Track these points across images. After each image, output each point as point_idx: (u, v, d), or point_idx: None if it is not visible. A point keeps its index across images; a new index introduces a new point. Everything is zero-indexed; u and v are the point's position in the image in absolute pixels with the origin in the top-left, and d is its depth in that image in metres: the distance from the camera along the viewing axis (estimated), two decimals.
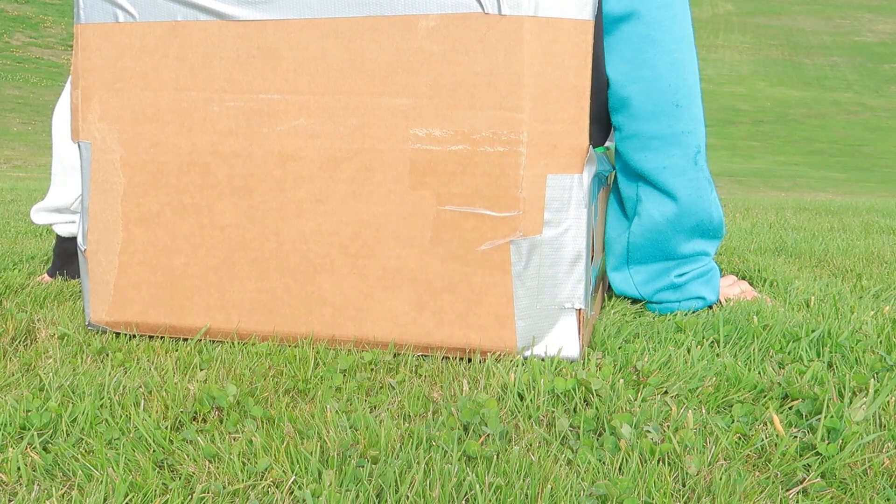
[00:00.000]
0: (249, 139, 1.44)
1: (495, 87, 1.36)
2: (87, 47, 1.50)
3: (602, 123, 1.67)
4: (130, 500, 0.89)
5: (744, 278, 2.06)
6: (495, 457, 0.97)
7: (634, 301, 1.77)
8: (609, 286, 1.80)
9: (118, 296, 1.53)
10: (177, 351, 1.38)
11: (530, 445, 1.02)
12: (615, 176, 1.75)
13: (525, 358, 1.39)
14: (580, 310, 1.39)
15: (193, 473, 0.94)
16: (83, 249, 1.53)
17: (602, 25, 1.58)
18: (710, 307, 1.73)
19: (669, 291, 1.72)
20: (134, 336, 1.47)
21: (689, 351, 1.38)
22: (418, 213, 1.40)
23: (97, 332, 1.54)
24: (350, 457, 0.97)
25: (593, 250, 1.54)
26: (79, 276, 1.91)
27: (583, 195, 1.37)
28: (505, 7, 1.33)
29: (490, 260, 1.38)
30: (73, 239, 1.93)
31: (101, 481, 0.91)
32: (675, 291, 1.72)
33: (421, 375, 1.29)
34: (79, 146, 1.52)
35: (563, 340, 1.40)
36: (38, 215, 1.93)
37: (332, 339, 1.45)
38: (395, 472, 0.92)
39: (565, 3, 1.35)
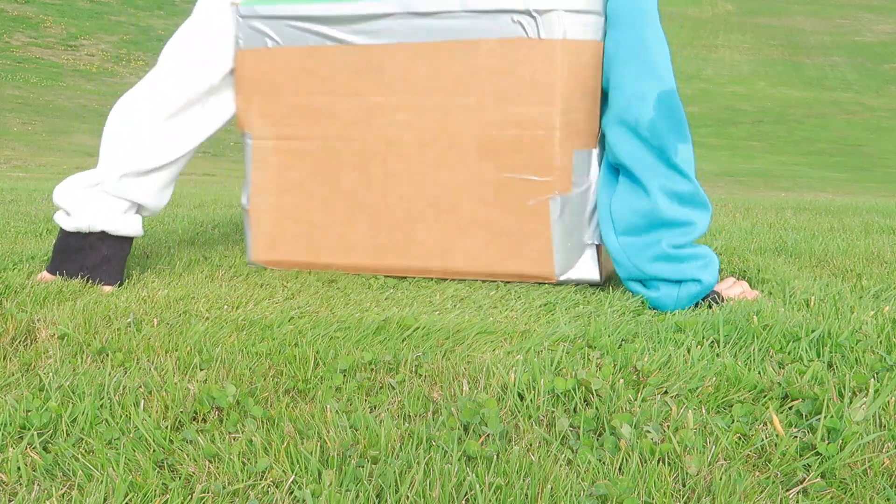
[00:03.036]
0: (364, 129, 1.98)
1: (536, 90, 1.85)
2: (246, 66, 2.02)
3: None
4: (130, 500, 0.89)
5: (743, 278, 2.06)
6: (495, 457, 0.97)
7: (634, 295, 1.77)
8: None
9: (271, 242, 2.07)
10: (177, 351, 1.38)
11: (530, 445, 1.02)
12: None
13: (560, 281, 1.92)
14: (598, 245, 1.91)
15: (193, 473, 0.94)
16: (247, 209, 2.09)
17: None
18: (710, 302, 1.73)
19: (665, 263, 1.75)
20: (133, 336, 1.47)
21: (689, 351, 1.38)
22: (484, 179, 1.91)
23: (255, 270, 1.94)
24: (350, 457, 0.97)
25: None
26: (78, 276, 1.89)
27: (598, 164, 1.90)
28: (543, 33, 1.82)
29: (535, 211, 1.88)
30: (77, 234, 1.90)
31: (101, 481, 0.91)
32: (671, 265, 1.75)
33: (421, 375, 1.28)
34: (243, 136, 2.07)
35: (587, 267, 1.92)
36: (70, 192, 1.89)
37: (424, 270, 1.99)
38: (395, 472, 0.92)
39: (584, 30, 1.83)
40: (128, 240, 1.93)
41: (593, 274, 1.91)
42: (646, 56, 1.81)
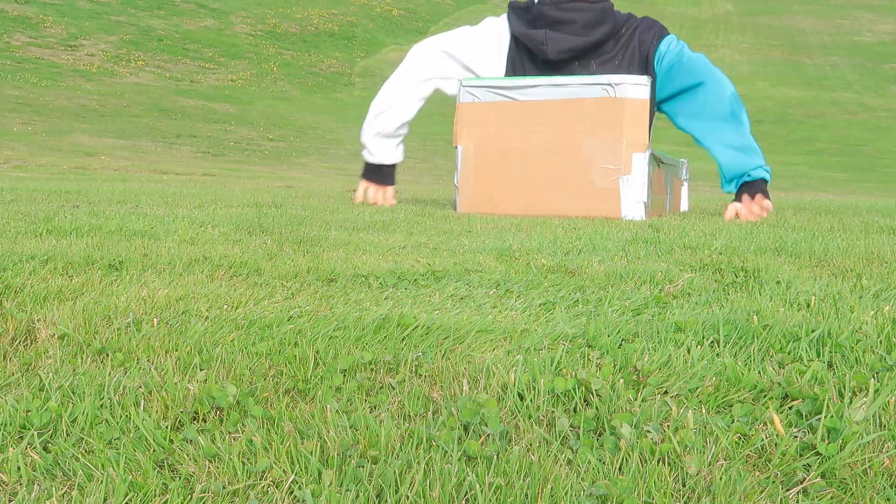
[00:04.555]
0: (522, 142, 3.81)
1: (614, 124, 3.68)
2: (462, 111, 3.91)
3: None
4: (130, 499, 0.89)
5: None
6: (495, 457, 0.97)
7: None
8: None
9: (470, 202, 3.89)
10: (177, 351, 1.38)
11: (530, 445, 1.02)
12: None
13: (624, 219, 3.61)
14: (644, 203, 3.66)
15: (193, 473, 0.94)
16: (457, 186, 3.94)
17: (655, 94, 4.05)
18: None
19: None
20: (133, 336, 1.47)
21: (689, 351, 1.38)
22: (584, 168, 3.70)
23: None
24: (350, 457, 0.97)
25: (654, 188, 3.86)
26: (382, 183, 4.43)
27: (646, 160, 3.70)
28: (619, 94, 3.67)
29: (612, 184, 3.66)
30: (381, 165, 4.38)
31: (101, 481, 0.91)
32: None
33: (421, 375, 1.28)
34: (456, 148, 3.94)
35: (638, 212, 3.65)
36: (375, 138, 4.29)
37: (552, 215, 3.67)
38: (395, 472, 0.92)
39: (639, 93, 3.68)
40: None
41: (641, 215, 3.67)
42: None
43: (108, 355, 1.36)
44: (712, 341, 1.46)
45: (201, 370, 1.28)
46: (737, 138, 3.91)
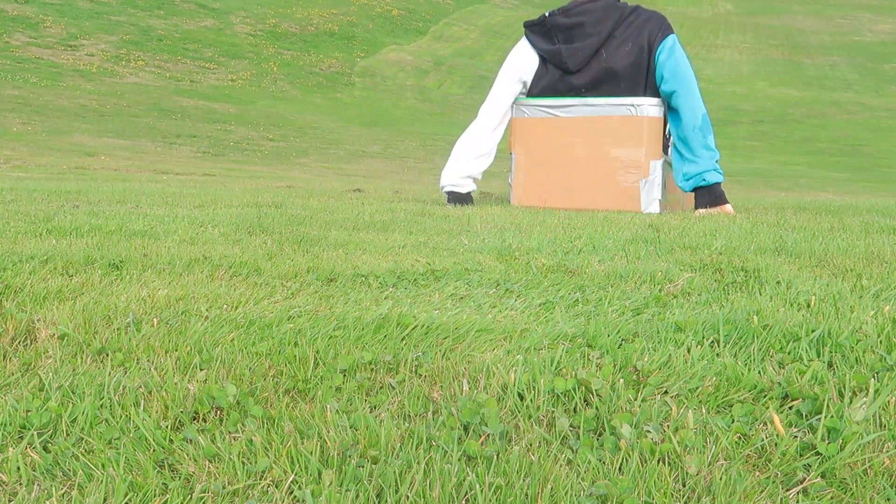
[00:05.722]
0: (561, 151, 4.74)
1: (635, 137, 4.57)
2: (515, 124, 4.87)
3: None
4: (130, 499, 0.89)
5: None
6: (495, 457, 0.97)
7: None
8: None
9: (520, 197, 4.81)
10: (177, 351, 1.38)
11: (530, 445, 1.02)
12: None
13: (644, 213, 4.33)
14: (659, 200, 4.50)
15: (193, 473, 0.94)
16: (511, 184, 4.86)
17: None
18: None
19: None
20: (133, 336, 1.48)
21: (689, 351, 1.38)
22: (611, 172, 4.59)
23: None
24: (350, 457, 0.97)
25: (669, 188, 4.71)
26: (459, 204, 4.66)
27: (661, 165, 4.55)
28: (639, 114, 4.55)
29: (634, 185, 4.53)
30: (466, 194, 4.77)
31: (101, 481, 0.91)
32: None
33: (421, 375, 1.28)
34: (511, 154, 4.83)
35: (654, 207, 4.47)
36: (459, 179, 4.76)
37: (588, 207, 4.52)
38: (395, 472, 0.92)
39: (656, 111, 4.55)
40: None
41: (657, 210, 4.41)
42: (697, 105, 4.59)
43: (108, 355, 1.36)
44: (712, 341, 1.46)
45: (201, 370, 1.28)
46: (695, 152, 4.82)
